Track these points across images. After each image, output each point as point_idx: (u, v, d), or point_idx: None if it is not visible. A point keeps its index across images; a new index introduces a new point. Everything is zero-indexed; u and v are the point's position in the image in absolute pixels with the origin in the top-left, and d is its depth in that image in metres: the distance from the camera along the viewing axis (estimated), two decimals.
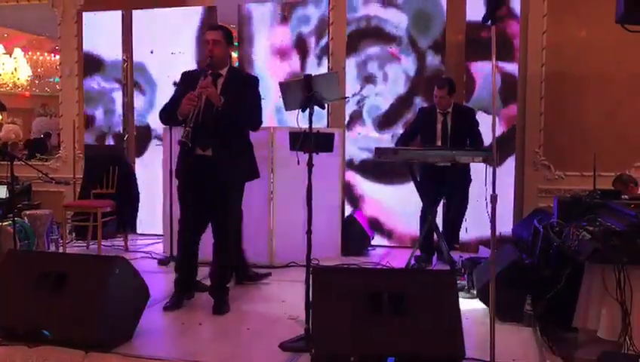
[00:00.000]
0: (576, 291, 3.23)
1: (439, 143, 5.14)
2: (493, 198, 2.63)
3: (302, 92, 3.30)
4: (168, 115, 3.83)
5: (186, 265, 3.98)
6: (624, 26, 2.66)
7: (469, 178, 5.26)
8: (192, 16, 6.73)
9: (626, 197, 4.08)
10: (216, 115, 3.67)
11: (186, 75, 3.93)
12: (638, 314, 2.94)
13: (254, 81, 3.94)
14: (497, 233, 2.95)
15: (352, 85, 6.25)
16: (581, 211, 3.62)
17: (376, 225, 6.15)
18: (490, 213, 2.71)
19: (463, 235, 5.71)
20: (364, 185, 6.25)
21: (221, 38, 3.79)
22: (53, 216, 5.68)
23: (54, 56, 12.09)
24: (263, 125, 4.03)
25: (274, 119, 6.28)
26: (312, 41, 6.46)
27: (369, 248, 5.87)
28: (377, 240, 6.09)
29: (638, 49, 5.70)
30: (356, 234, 5.77)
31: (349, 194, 6.25)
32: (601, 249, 2.97)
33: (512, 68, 5.94)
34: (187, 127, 3.57)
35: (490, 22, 2.51)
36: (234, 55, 6.77)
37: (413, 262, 5.00)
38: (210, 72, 3.71)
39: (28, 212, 5.52)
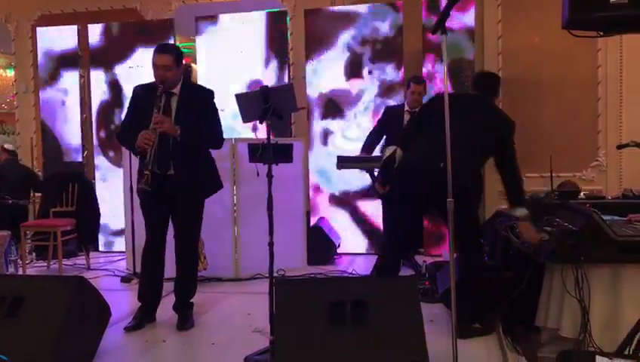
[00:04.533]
0: (538, 291, 3.28)
1: None
2: (450, 203, 2.65)
3: (259, 103, 3.30)
4: (126, 140, 3.79)
5: (150, 282, 3.91)
6: (570, 31, 2.73)
7: None
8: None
9: (583, 196, 4.18)
10: (174, 144, 3.65)
11: (138, 90, 3.85)
12: (596, 311, 3.00)
13: (209, 95, 3.89)
14: None
15: None
16: (540, 212, 3.68)
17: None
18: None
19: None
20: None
21: (171, 62, 3.67)
22: (11, 237, 5.53)
23: (10, 72, 11.86)
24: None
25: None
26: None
27: (335, 256, 5.87)
28: (344, 247, 6.10)
29: (588, 53, 5.89)
30: (322, 242, 5.76)
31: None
32: (558, 249, 3.03)
33: None
34: (145, 171, 3.53)
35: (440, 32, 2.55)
36: (194, 66, 6.75)
37: None
38: (163, 92, 3.65)
39: None
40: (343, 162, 5.18)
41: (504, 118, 3.69)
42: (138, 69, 6.57)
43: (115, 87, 6.76)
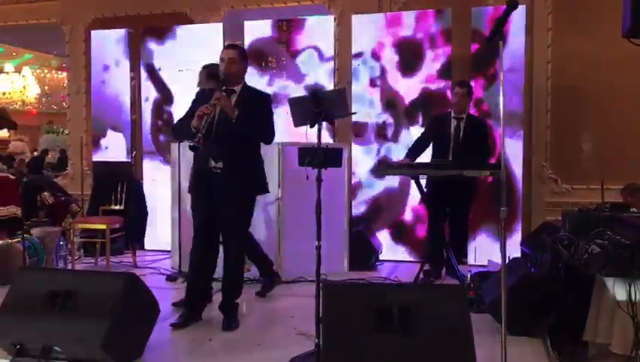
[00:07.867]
0: (587, 305, 3.22)
1: (452, 148, 5.08)
2: (503, 213, 2.63)
3: (310, 108, 3.33)
4: (182, 127, 3.88)
5: (197, 283, 3.98)
6: (630, 39, 2.68)
7: (475, 191, 5.25)
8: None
9: (635, 210, 4.08)
10: (230, 127, 3.72)
11: (200, 94, 4.00)
12: None
13: (266, 98, 4.00)
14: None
15: None
16: (590, 224, 3.61)
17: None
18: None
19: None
20: None
21: (237, 56, 3.87)
22: (62, 233, 5.71)
23: (62, 73, 12.26)
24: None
25: None
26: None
27: (377, 262, 5.86)
28: (386, 254, 6.08)
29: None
30: (364, 248, 5.75)
31: None
32: (611, 262, 2.96)
33: None
34: (199, 133, 3.61)
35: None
36: None
37: (422, 276, 4.98)
38: (224, 89, 3.77)
39: (37, 229, 5.55)
40: (385, 168, 5.17)
41: None
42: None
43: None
